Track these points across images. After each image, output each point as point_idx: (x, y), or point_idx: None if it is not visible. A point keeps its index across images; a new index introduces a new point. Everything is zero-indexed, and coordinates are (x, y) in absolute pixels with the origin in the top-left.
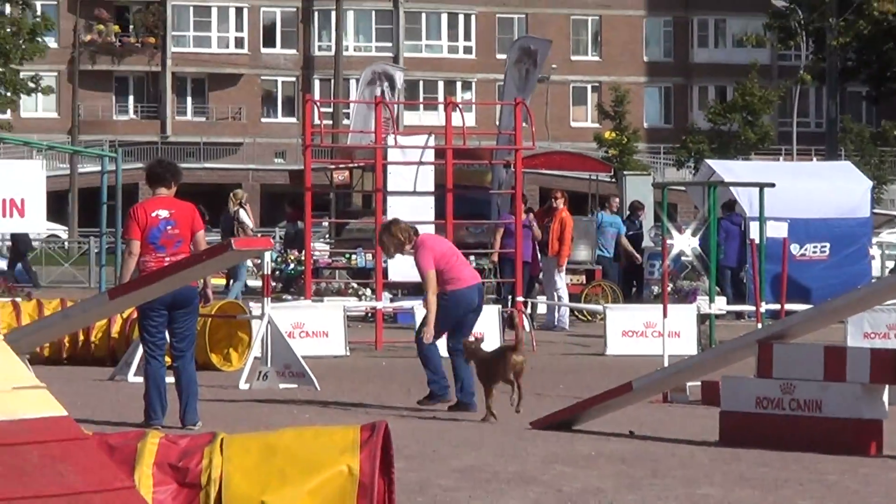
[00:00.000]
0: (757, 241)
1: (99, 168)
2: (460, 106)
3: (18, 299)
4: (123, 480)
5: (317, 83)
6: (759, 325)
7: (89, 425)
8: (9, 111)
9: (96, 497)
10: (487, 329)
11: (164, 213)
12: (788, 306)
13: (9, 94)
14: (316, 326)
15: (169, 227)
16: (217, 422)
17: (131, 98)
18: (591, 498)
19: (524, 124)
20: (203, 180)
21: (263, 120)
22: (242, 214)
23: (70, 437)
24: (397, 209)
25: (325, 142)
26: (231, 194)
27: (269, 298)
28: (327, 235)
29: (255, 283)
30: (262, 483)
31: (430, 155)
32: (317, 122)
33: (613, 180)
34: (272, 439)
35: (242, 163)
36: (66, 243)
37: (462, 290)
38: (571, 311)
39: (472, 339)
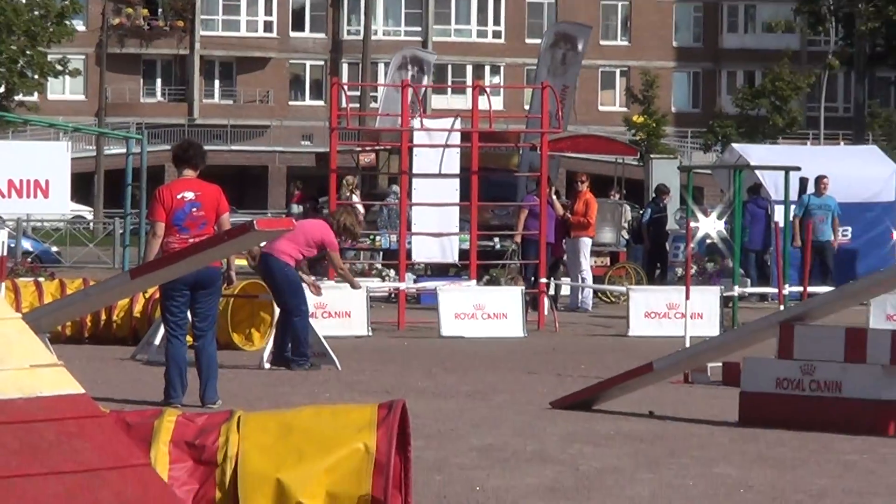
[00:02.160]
0: (781, 224)
1: (125, 150)
2: (488, 90)
3: (42, 279)
4: (139, 457)
5: (345, 67)
6: (782, 307)
7: (110, 403)
8: (36, 94)
9: (112, 474)
10: (511, 309)
11: (189, 195)
12: (811, 289)
13: (36, 76)
14: (338, 307)
15: (194, 209)
16: (237, 401)
17: (159, 81)
18: (609, 476)
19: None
20: (230, 162)
21: (291, 103)
22: (355, 200)
23: (86, 415)
24: (422, 191)
25: (352, 124)
26: (343, 181)
27: None
28: None
29: None
30: (278, 461)
31: (455, 138)
32: (344, 105)
33: (640, 164)
34: (289, 417)
35: (269, 145)
36: (91, 224)
37: None
38: (595, 292)
39: None
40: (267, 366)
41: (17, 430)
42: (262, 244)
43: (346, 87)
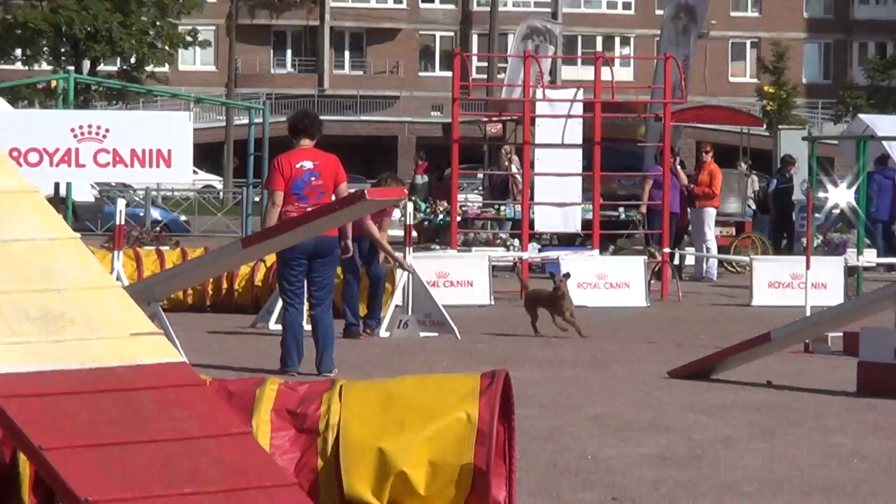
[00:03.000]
0: None
1: (260, 120)
2: (617, 60)
3: (166, 247)
4: (239, 426)
5: (475, 38)
6: None
7: (228, 372)
8: (167, 65)
9: (211, 442)
10: (634, 279)
11: (308, 164)
12: None
13: (166, 48)
14: (461, 276)
15: (313, 178)
16: (354, 370)
17: (289, 52)
18: (722, 446)
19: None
20: (360, 133)
21: (421, 74)
22: (514, 169)
23: (186, 384)
24: (545, 161)
25: (478, 95)
26: (502, 149)
27: (411, 248)
28: (480, 187)
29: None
30: (380, 430)
31: (578, 109)
32: (475, 76)
33: (769, 134)
34: (391, 387)
35: (399, 116)
36: (220, 193)
37: None
38: (720, 262)
39: None
40: (386, 334)
41: (117, 398)
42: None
43: (467, 58)
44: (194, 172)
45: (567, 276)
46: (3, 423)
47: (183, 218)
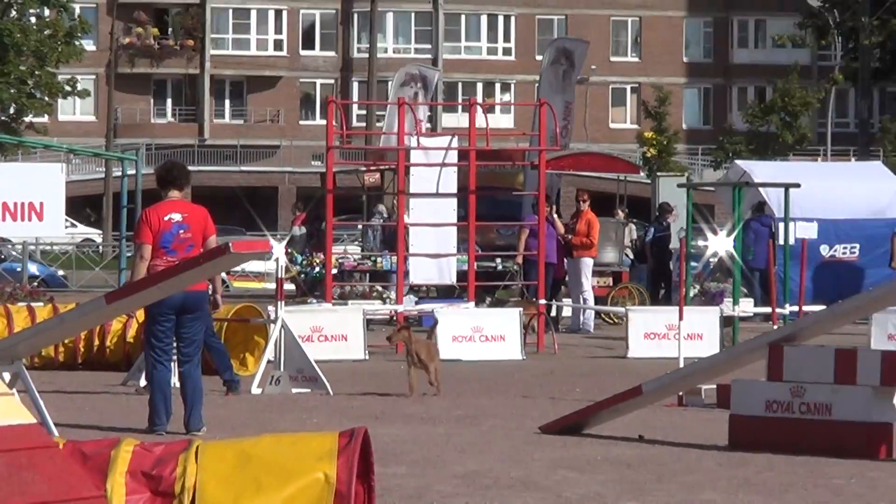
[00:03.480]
0: (782, 242)
1: (133, 172)
2: (497, 107)
3: (40, 303)
4: (92, 489)
5: (356, 86)
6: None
7: (95, 431)
8: (46, 115)
9: None
10: (509, 331)
11: (176, 217)
12: (808, 308)
13: (45, 97)
14: (335, 330)
15: (181, 231)
16: (224, 427)
17: (169, 101)
18: None
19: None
20: (240, 183)
21: (302, 122)
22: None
23: (38, 446)
24: (419, 211)
25: (357, 143)
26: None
27: (283, 302)
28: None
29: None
30: (236, 491)
31: (453, 156)
32: (356, 123)
33: (648, 181)
34: (248, 446)
35: (280, 165)
36: (100, 247)
37: None
38: (598, 313)
39: None
40: (258, 391)
41: None
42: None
43: (346, 107)
44: (73, 226)
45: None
46: None
47: (61, 272)
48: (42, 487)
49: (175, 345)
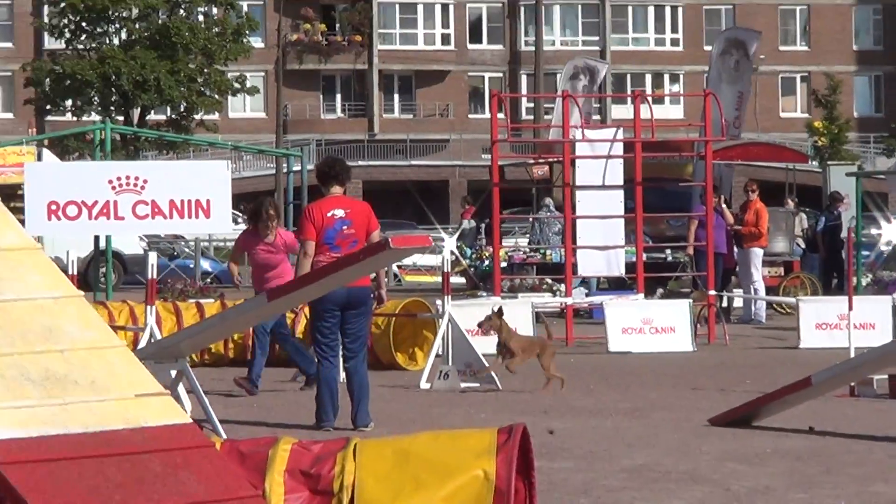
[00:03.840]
0: None
1: (298, 168)
2: (667, 98)
3: (211, 300)
4: (248, 489)
5: (524, 78)
6: None
7: (262, 428)
8: (217, 113)
9: None
10: (679, 323)
11: (339, 213)
12: None
13: (215, 95)
14: None
15: (344, 227)
16: (391, 422)
17: (338, 97)
18: (759, 497)
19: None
20: (410, 177)
21: (471, 116)
22: None
23: (193, 445)
24: (586, 203)
25: (528, 136)
26: None
27: (450, 297)
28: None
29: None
30: (395, 489)
31: (619, 148)
32: (524, 116)
33: (819, 170)
34: (406, 444)
35: (450, 159)
36: None
37: None
38: (769, 304)
39: None
40: (426, 386)
41: (122, 461)
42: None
43: (515, 100)
44: (244, 222)
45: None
46: (5, 490)
47: None
48: (198, 487)
49: (341, 340)
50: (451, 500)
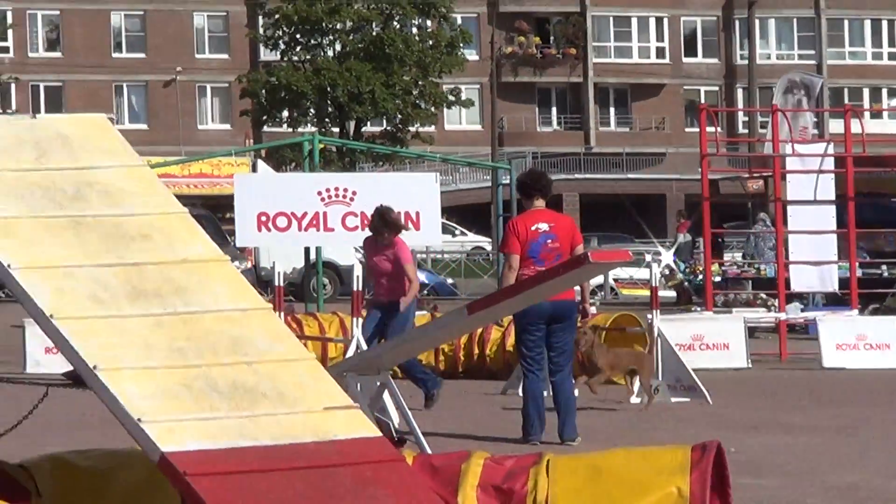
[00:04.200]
0: None
1: (507, 181)
2: (885, 113)
3: (423, 312)
4: (439, 503)
5: (739, 92)
6: None
7: (469, 441)
8: (432, 125)
9: None
10: (894, 339)
11: (543, 227)
12: None
13: (430, 107)
14: (716, 338)
15: (549, 241)
16: (597, 436)
17: (554, 109)
18: None
19: None
20: (628, 191)
21: (687, 129)
22: None
23: (383, 459)
24: (798, 218)
25: (744, 151)
26: None
27: (658, 311)
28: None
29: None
30: None
31: (830, 163)
32: (741, 130)
33: None
34: (599, 460)
35: (666, 172)
36: (490, 255)
37: None
38: None
39: None
40: (636, 400)
41: (310, 475)
42: None
43: (731, 114)
44: (462, 234)
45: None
46: (193, 502)
47: (450, 281)
48: (388, 501)
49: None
50: None
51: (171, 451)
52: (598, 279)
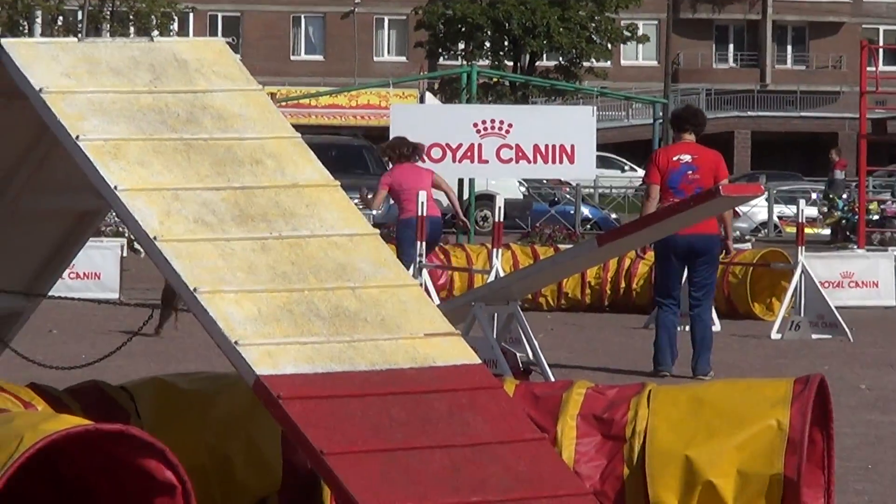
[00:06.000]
0: None
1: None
2: None
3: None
4: (534, 431)
5: None
6: None
7: (601, 373)
8: (607, 60)
9: (503, 448)
10: None
11: (685, 158)
12: None
13: (605, 43)
14: (866, 276)
15: (689, 172)
16: (732, 371)
17: (731, 46)
18: None
19: None
20: (800, 129)
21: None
22: None
23: (480, 386)
24: None
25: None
26: None
27: (804, 247)
28: None
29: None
30: (688, 436)
31: None
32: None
33: None
34: (701, 392)
35: (840, 111)
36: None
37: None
38: None
39: None
40: (777, 336)
41: (406, 400)
42: None
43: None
44: (633, 169)
45: None
46: (286, 425)
47: (614, 216)
48: (482, 428)
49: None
50: (743, 449)
51: (266, 374)
52: (763, 216)
